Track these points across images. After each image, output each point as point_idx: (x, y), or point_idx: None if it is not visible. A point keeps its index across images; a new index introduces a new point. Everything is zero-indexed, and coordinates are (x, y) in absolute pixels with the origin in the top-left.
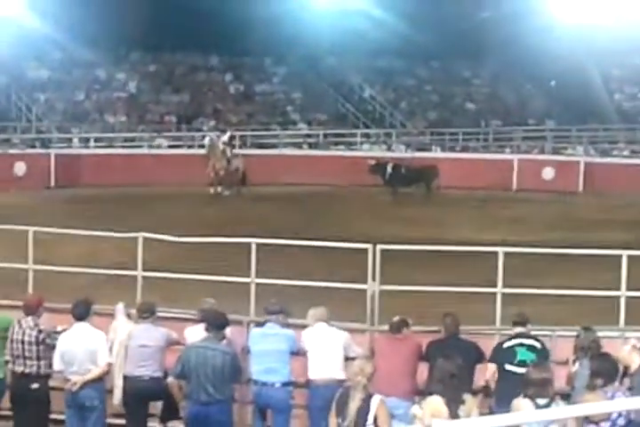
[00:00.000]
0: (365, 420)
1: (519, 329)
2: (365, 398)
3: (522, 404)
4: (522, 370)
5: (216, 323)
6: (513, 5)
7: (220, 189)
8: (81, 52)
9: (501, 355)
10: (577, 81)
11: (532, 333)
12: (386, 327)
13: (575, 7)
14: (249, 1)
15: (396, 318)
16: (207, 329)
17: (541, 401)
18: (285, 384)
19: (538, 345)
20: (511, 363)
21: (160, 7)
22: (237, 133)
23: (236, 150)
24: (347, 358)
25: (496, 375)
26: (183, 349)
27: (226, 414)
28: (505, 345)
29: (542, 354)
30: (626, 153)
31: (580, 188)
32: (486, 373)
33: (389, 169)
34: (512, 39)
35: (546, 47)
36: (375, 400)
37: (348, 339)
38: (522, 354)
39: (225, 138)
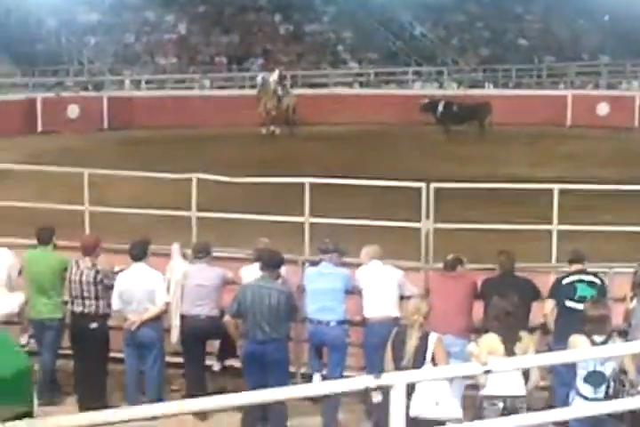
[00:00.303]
0: (424, 358)
1: (577, 266)
2: (422, 336)
3: (578, 340)
4: (582, 306)
5: (271, 262)
6: None
7: (272, 128)
8: None
9: (561, 291)
10: (631, 14)
11: (590, 269)
12: (440, 266)
13: None
14: None
15: (450, 256)
16: (262, 268)
17: (598, 338)
18: (341, 322)
19: (597, 281)
20: (571, 299)
21: None
22: (287, 73)
23: (287, 89)
24: (402, 297)
25: (555, 312)
26: (239, 287)
27: (282, 353)
28: (565, 281)
29: (602, 290)
30: None
31: (636, 123)
32: (544, 309)
33: (441, 107)
34: None
35: None
36: (432, 338)
37: (402, 277)
38: (582, 290)
39: (275, 76)
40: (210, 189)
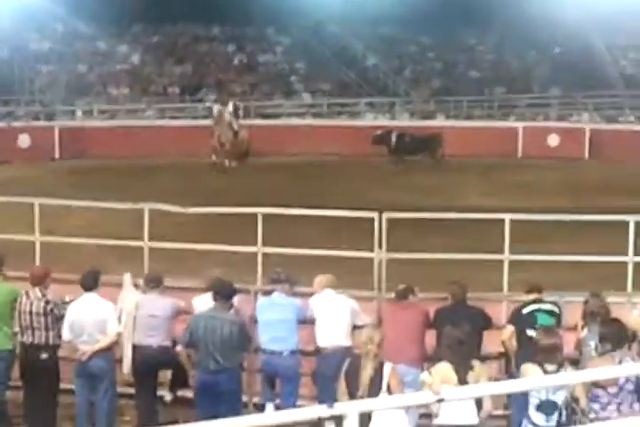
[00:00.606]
0: (379, 388)
1: (535, 295)
2: (377, 366)
3: (530, 369)
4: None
5: (223, 292)
6: None
7: (226, 162)
8: (82, 24)
9: (521, 320)
10: (581, 47)
11: (547, 298)
12: (393, 295)
13: None
14: None
15: (401, 286)
16: (215, 298)
17: (550, 367)
18: (293, 352)
19: (556, 310)
20: (532, 328)
21: None
22: (241, 104)
23: (240, 121)
24: (354, 326)
25: (514, 339)
26: (191, 317)
27: (235, 383)
28: (525, 310)
29: (559, 319)
30: (631, 119)
31: (586, 154)
32: (502, 335)
33: (394, 138)
34: (516, 5)
35: (550, 13)
36: (387, 368)
37: (355, 306)
38: (542, 319)
39: (230, 108)
40: (162, 219)
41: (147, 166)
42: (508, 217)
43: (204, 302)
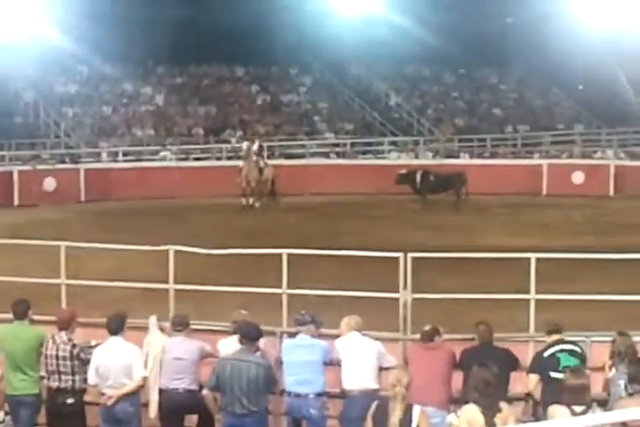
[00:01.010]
0: None
1: (556, 336)
2: (406, 409)
3: (557, 411)
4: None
5: (250, 335)
6: (537, 10)
7: (251, 200)
8: (107, 66)
9: (544, 363)
10: (604, 84)
11: (568, 338)
12: (418, 336)
13: (600, 10)
14: (272, 11)
15: (427, 327)
16: (241, 341)
17: (578, 408)
18: (319, 395)
19: (578, 349)
20: (555, 370)
21: (184, 21)
22: (265, 143)
23: (266, 160)
24: (381, 369)
25: (539, 385)
26: (217, 361)
27: (261, 426)
28: (546, 353)
29: (582, 358)
30: None
31: (611, 192)
32: (529, 384)
33: (418, 177)
34: (537, 44)
35: (572, 51)
36: (416, 411)
37: (381, 348)
38: (565, 360)
39: (255, 147)
40: (187, 261)
41: (172, 208)
42: (533, 256)
43: (229, 345)
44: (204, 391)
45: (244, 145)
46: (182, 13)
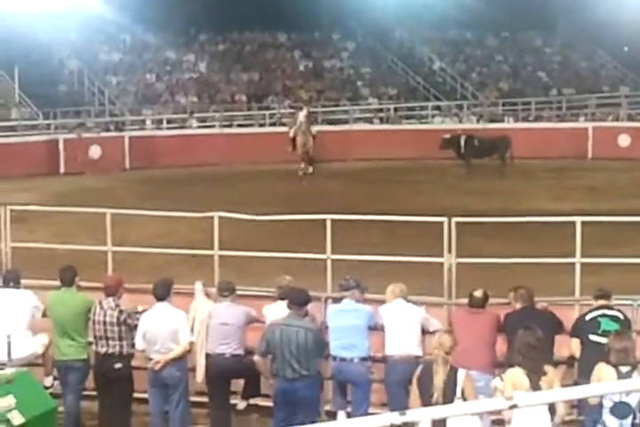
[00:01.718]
0: (454, 393)
1: (602, 302)
2: (450, 371)
3: (604, 370)
4: (606, 340)
5: (299, 300)
6: None
7: (310, 168)
8: (149, 34)
9: (585, 327)
10: None
11: (614, 302)
12: (463, 300)
13: None
14: None
15: (478, 293)
16: (290, 306)
17: (624, 369)
18: (364, 359)
19: (620, 316)
20: (595, 333)
21: None
22: (312, 110)
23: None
24: (426, 333)
25: (580, 348)
26: (266, 326)
27: (313, 390)
28: (587, 317)
29: (625, 324)
30: None
31: None
32: (570, 347)
33: (462, 142)
34: (581, 6)
35: (616, 12)
36: (461, 374)
37: (424, 314)
38: (605, 324)
39: (304, 114)
40: (232, 227)
41: (216, 174)
42: (579, 220)
43: (275, 311)
44: (255, 357)
45: (302, 113)
46: None
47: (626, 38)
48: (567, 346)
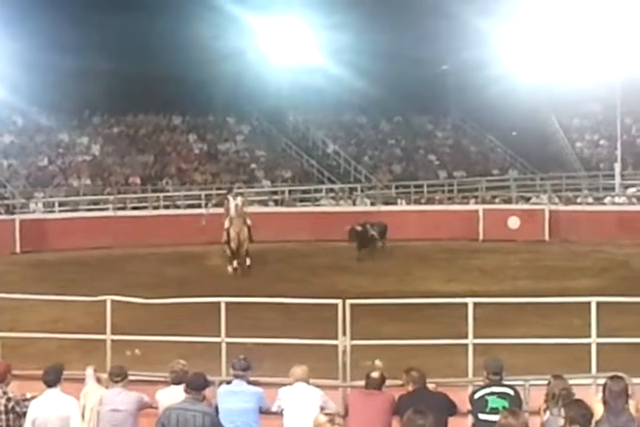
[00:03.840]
0: None
1: (493, 377)
2: None
3: None
4: (495, 417)
5: (196, 384)
6: (471, 57)
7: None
8: (42, 117)
9: (475, 405)
10: (538, 130)
11: (505, 382)
12: (359, 383)
13: (533, 59)
14: (209, 61)
15: (375, 374)
16: (187, 390)
17: None
18: None
19: (510, 392)
20: (483, 412)
21: (119, 70)
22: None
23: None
24: None
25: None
26: (162, 411)
27: None
28: (476, 395)
29: (516, 401)
30: (589, 200)
31: (546, 236)
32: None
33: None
34: (472, 91)
35: (505, 98)
36: None
37: (323, 397)
38: (493, 402)
39: (239, 201)
40: (124, 311)
41: (109, 257)
42: (471, 301)
43: (168, 395)
44: None
45: (237, 200)
46: (117, 63)
47: (514, 123)
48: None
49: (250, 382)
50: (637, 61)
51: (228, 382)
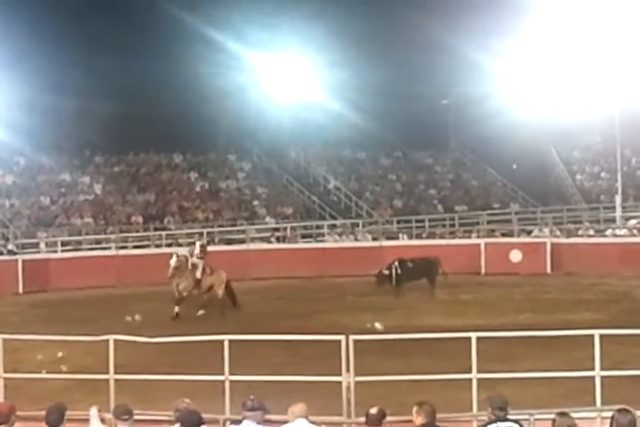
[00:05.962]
0: None
1: (498, 413)
2: None
3: None
4: None
5: (190, 422)
6: (470, 92)
7: (177, 309)
8: (43, 157)
9: None
10: (538, 163)
11: (510, 417)
12: (363, 419)
13: (532, 93)
14: (209, 98)
15: (374, 410)
16: None
17: None
18: None
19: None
20: None
21: (120, 110)
22: (207, 243)
23: (209, 266)
24: None
25: None
26: None
27: None
28: None
29: None
30: (591, 232)
31: (548, 269)
32: None
33: (397, 267)
34: (472, 125)
35: (505, 131)
36: None
37: None
38: None
39: (197, 251)
40: (128, 350)
41: (111, 296)
42: (474, 335)
43: None
44: None
45: (173, 260)
46: (117, 102)
47: (514, 157)
48: None
49: (260, 423)
50: (635, 93)
51: (237, 423)
